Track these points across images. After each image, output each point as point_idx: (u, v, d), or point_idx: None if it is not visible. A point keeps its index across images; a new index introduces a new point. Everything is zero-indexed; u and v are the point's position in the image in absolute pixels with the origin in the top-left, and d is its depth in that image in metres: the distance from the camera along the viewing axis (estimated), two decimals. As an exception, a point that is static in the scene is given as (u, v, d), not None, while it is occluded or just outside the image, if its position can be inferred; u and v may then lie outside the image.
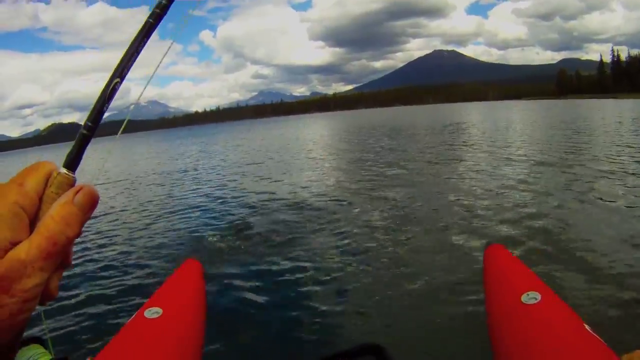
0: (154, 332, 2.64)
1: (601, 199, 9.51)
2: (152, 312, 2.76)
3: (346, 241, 7.90)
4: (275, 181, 16.92)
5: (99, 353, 2.36)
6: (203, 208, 12.97)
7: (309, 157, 26.07)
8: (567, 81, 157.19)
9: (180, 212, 12.64)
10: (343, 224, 9.07)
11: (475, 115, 63.56)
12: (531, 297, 2.51)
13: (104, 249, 9.36)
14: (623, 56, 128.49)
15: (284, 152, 29.84)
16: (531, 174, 13.30)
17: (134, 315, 2.79)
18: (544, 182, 11.72)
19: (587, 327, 2.23)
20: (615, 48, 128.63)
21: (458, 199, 10.75)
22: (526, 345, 2.28)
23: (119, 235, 10.54)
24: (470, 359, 4.07)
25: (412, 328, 4.77)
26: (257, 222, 10.05)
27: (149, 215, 12.79)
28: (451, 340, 4.44)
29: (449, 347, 4.35)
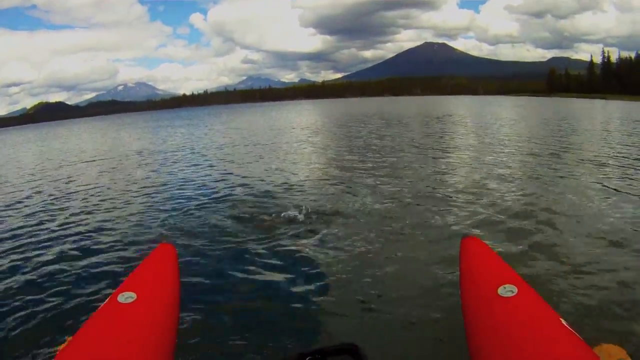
0: (127, 316, 2.58)
1: (581, 195, 9.84)
2: (126, 297, 2.70)
3: (325, 231, 7.91)
4: (256, 166, 17.00)
5: (71, 338, 2.32)
6: (180, 191, 12.98)
7: (294, 142, 26.22)
8: (557, 79, 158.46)
9: (156, 195, 12.71)
10: (322, 213, 9.08)
11: (463, 109, 64.29)
12: (507, 290, 2.54)
13: (76, 231, 9.32)
14: (613, 57, 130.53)
15: (269, 137, 30.19)
16: (513, 168, 13.67)
17: (107, 300, 2.74)
18: (526, 177, 12.09)
19: (562, 321, 2.27)
20: (606, 49, 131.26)
21: (437, 190, 10.97)
22: (502, 338, 2.27)
23: (93, 218, 10.46)
24: (446, 353, 4.14)
25: (388, 322, 4.81)
26: (235, 207, 10.11)
27: (123, 199, 12.74)
28: (427, 334, 4.53)
29: (425, 341, 4.44)
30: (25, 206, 12.76)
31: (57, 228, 9.83)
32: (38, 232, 9.57)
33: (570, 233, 7.28)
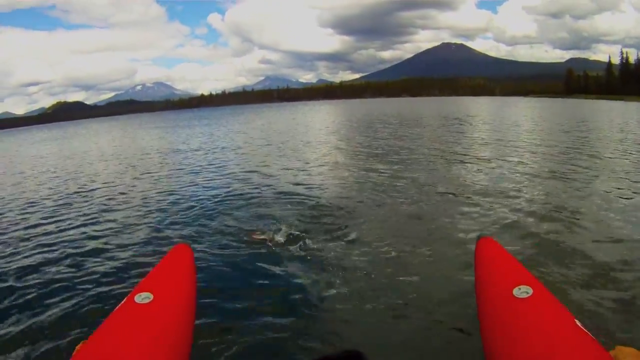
0: (144, 317, 2.68)
1: (601, 198, 9.57)
2: (143, 297, 2.81)
3: (344, 232, 7.95)
4: (274, 167, 16.89)
5: (88, 338, 2.42)
6: (197, 192, 13.04)
7: (314, 143, 26.22)
8: (575, 80, 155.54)
9: (174, 195, 12.82)
10: (342, 215, 9.16)
11: (481, 110, 63.65)
12: (523, 292, 2.57)
13: (93, 232, 9.50)
14: (632, 58, 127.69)
15: (288, 138, 29.69)
16: (531, 170, 13.42)
17: (123, 300, 2.82)
18: (544, 179, 11.82)
19: (577, 322, 2.29)
20: (625, 50, 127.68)
21: (453, 191, 10.93)
22: (517, 340, 2.31)
23: (110, 218, 10.66)
24: (461, 354, 4.16)
25: (403, 324, 4.86)
26: (251, 209, 10.16)
27: (141, 198, 12.90)
28: (441, 335, 4.55)
29: (440, 342, 4.44)
30: (44, 205, 13.01)
31: (75, 227, 10.05)
32: (56, 231, 9.81)
33: (587, 235, 7.18)
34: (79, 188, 15.51)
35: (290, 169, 15.89)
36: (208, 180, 14.91)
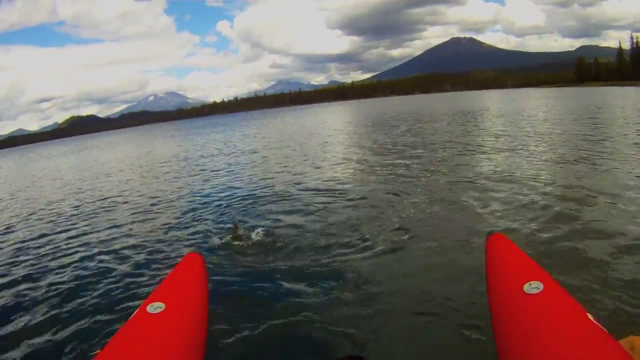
0: (157, 327, 2.86)
1: (614, 191, 9.26)
2: (155, 307, 2.99)
3: (351, 234, 7.93)
4: (289, 172, 16.69)
5: (102, 349, 2.62)
6: (207, 199, 13.02)
7: (328, 144, 26.03)
8: (586, 68, 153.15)
9: (184, 204, 12.79)
10: (349, 216, 9.18)
11: (493, 102, 62.96)
12: (533, 287, 2.72)
13: (105, 243, 9.57)
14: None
15: (299, 142, 29.34)
16: (544, 163, 13.23)
17: (136, 311, 3.04)
18: (557, 172, 11.58)
19: (589, 316, 2.46)
20: (634, 35, 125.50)
21: (466, 186, 10.97)
22: (529, 335, 2.44)
23: (121, 228, 10.74)
24: (473, 351, 4.16)
25: (412, 321, 4.89)
26: (262, 216, 10.15)
27: (154, 207, 12.97)
28: (453, 332, 4.53)
29: (451, 339, 4.44)
30: (58, 216, 13.36)
31: (88, 237, 10.17)
32: (69, 242, 9.98)
33: (600, 229, 7.01)
34: (93, 199, 15.83)
35: (305, 172, 15.90)
36: (222, 186, 14.96)
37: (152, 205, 13.38)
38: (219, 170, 19.27)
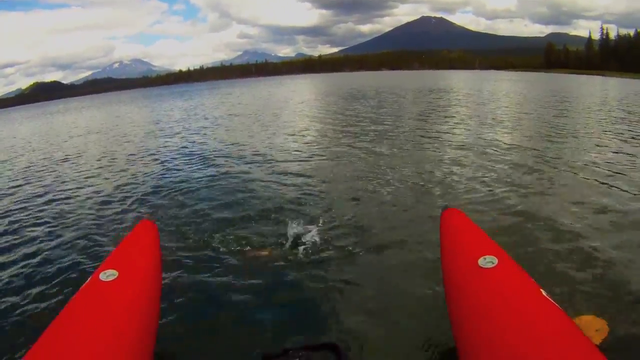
0: (110, 294, 2.85)
1: (571, 168, 9.70)
2: (108, 275, 2.98)
3: (311, 208, 7.68)
4: (247, 140, 16.81)
5: (55, 318, 2.60)
6: (165, 165, 12.98)
7: (288, 117, 26.11)
8: (555, 55, 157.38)
9: (140, 169, 12.61)
10: (310, 187, 9.09)
11: (459, 83, 63.28)
12: (488, 262, 2.76)
13: (56, 207, 9.32)
14: (612, 34, 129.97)
15: (262, 112, 29.36)
16: (504, 141, 13.39)
17: (89, 278, 3.06)
18: (515, 151, 11.91)
19: (543, 292, 2.50)
20: (605, 26, 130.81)
21: (423, 161, 11.02)
22: (483, 309, 2.48)
23: (73, 194, 10.45)
24: (429, 325, 4.00)
25: (370, 296, 4.71)
26: (221, 182, 10.09)
27: (106, 172, 12.78)
28: (408, 308, 4.38)
29: (406, 315, 4.27)
30: (11, 181, 12.93)
31: (39, 200, 10.02)
32: (18, 206, 9.69)
33: (556, 206, 7.19)
34: (48, 164, 15.36)
35: (265, 142, 15.70)
36: (181, 153, 14.86)
37: (106, 169, 13.36)
38: (180, 140, 18.79)
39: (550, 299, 2.45)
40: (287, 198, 8.43)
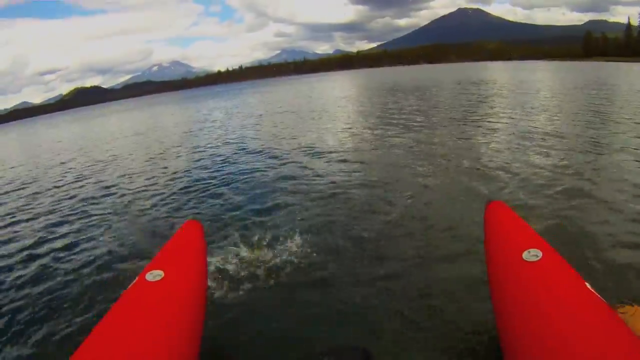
0: (155, 294, 2.93)
1: (617, 160, 9.23)
2: (154, 275, 3.08)
3: (354, 207, 7.64)
4: (291, 136, 16.91)
5: (102, 318, 2.71)
6: (210, 167, 12.96)
7: (329, 112, 25.75)
8: (594, 43, 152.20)
9: (186, 171, 12.81)
10: (351, 187, 8.91)
11: (499, 73, 61.32)
12: (532, 255, 2.80)
13: (103, 208, 9.72)
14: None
15: (303, 111, 28.68)
16: (546, 131, 13.07)
17: (136, 279, 3.15)
18: (559, 143, 11.31)
19: (587, 284, 2.56)
20: None
21: (467, 154, 10.88)
22: (527, 302, 2.54)
23: (120, 195, 10.82)
24: (473, 317, 4.05)
25: (412, 286, 4.78)
26: (265, 184, 9.97)
27: (153, 174, 13.06)
28: (453, 300, 4.43)
29: (450, 307, 4.31)
30: (58, 185, 13.44)
31: (89, 204, 10.26)
32: (71, 208, 10.12)
33: (603, 198, 6.96)
34: (93, 167, 15.89)
35: (307, 141, 15.36)
36: (226, 154, 14.76)
37: (151, 169, 13.60)
38: (224, 138, 19.09)
39: (594, 292, 2.49)
40: (331, 192, 8.56)
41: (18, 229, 9.17)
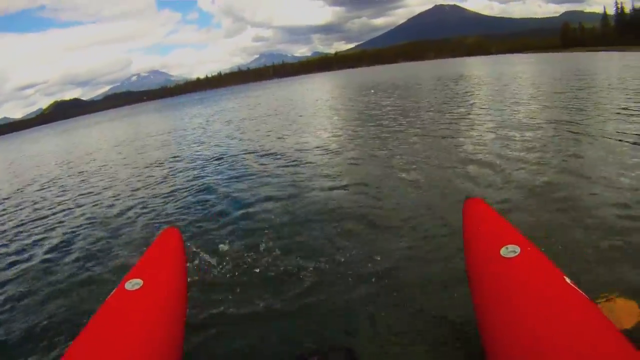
0: (135, 304, 2.91)
1: (597, 154, 9.01)
2: (133, 284, 3.05)
3: (335, 209, 7.42)
4: (269, 141, 16.56)
5: (82, 329, 2.67)
6: (187, 173, 12.84)
7: (308, 115, 25.88)
8: (571, 34, 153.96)
9: (163, 178, 12.71)
10: (331, 188, 8.79)
11: (478, 68, 61.35)
12: (510, 251, 2.79)
13: (81, 218, 9.59)
14: (627, 8, 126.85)
15: (281, 114, 28.40)
16: (526, 129, 12.66)
17: (115, 288, 3.12)
18: (538, 138, 11.14)
19: (567, 279, 2.52)
20: (619, 0, 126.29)
21: (445, 151, 10.75)
22: (507, 298, 2.52)
23: (98, 204, 10.70)
24: (454, 314, 4.04)
25: (392, 285, 4.71)
26: (244, 188, 9.87)
27: (130, 181, 13.06)
28: (434, 298, 4.37)
29: (431, 304, 4.26)
30: (33, 196, 13.47)
31: (67, 212, 10.37)
32: (46, 218, 10.13)
33: (581, 193, 6.84)
34: (69, 178, 15.94)
35: (286, 144, 15.23)
36: (203, 160, 14.70)
37: (130, 178, 13.53)
38: (202, 145, 18.93)
39: (574, 285, 2.48)
40: (310, 195, 8.49)
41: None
